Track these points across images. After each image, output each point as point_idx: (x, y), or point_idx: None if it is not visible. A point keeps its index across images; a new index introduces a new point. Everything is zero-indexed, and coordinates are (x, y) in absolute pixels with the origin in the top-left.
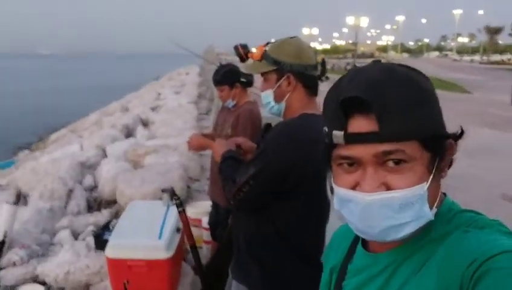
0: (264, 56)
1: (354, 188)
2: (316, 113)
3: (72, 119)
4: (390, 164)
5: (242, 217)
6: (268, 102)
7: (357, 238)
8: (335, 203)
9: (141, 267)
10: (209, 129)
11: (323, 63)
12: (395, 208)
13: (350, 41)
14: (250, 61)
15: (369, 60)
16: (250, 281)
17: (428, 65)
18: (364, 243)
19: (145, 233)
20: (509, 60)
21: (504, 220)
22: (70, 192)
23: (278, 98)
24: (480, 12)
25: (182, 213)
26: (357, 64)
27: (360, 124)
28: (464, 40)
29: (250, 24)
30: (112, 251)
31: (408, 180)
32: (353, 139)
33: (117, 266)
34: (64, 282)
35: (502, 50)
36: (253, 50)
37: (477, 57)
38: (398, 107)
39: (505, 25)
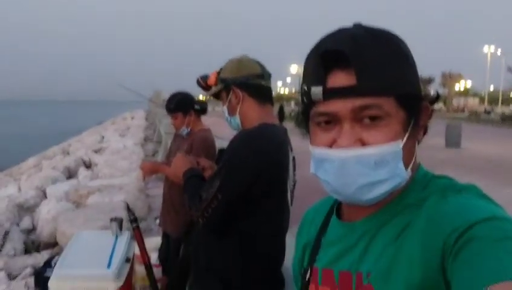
0: (217, 80)
1: (330, 146)
2: (275, 123)
3: (7, 165)
4: (366, 120)
5: (203, 233)
6: (226, 118)
7: (331, 212)
8: (311, 167)
9: None
10: None
11: (281, 109)
12: (371, 164)
13: (293, 90)
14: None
15: None
16: None
17: None
18: (339, 214)
19: (93, 262)
20: (440, 108)
21: None
22: (6, 234)
23: (231, 112)
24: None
25: (136, 229)
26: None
27: (339, 79)
28: None
29: (196, 72)
30: (57, 282)
31: (383, 136)
32: (331, 93)
33: None
34: None
35: None
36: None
37: None
38: (377, 62)
39: (436, 75)
